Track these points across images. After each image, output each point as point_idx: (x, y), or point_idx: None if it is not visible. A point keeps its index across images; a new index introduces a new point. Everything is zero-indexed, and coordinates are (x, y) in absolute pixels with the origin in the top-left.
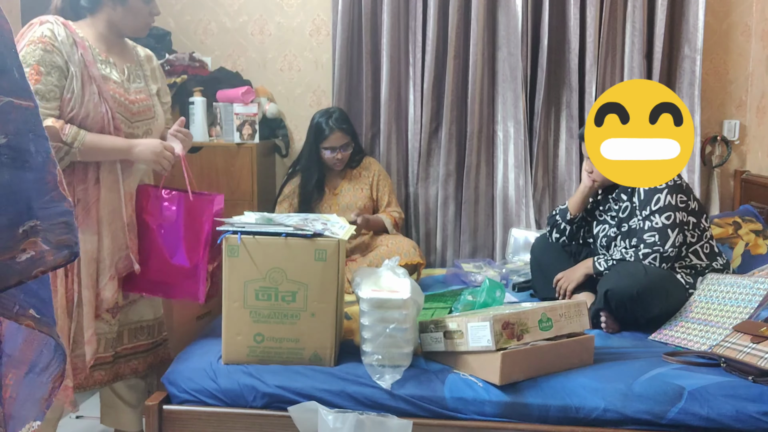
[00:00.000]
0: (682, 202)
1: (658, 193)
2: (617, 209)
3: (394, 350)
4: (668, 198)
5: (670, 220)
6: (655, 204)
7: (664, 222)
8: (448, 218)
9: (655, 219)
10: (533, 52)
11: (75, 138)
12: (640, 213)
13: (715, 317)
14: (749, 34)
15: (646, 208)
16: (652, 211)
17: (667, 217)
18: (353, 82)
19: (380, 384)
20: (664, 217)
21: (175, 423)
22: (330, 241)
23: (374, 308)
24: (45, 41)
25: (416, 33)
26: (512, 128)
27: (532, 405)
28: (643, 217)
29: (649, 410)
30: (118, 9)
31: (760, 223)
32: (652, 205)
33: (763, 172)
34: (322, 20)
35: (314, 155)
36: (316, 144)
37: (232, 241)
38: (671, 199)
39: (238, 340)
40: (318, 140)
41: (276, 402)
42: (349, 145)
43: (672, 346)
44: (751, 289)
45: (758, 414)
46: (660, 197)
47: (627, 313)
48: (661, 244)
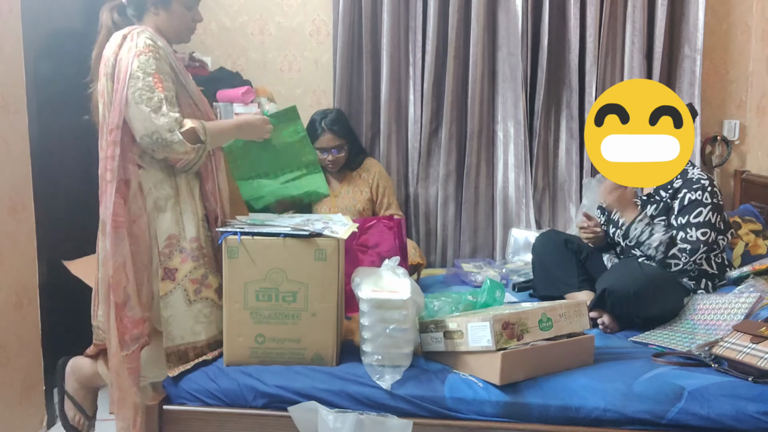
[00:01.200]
0: (718, 222)
1: (702, 207)
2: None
3: (394, 350)
4: (710, 215)
5: (705, 237)
6: (696, 217)
7: (699, 237)
8: (448, 218)
9: (691, 231)
10: (533, 52)
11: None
12: (678, 219)
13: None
14: (749, 34)
15: (686, 216)
16: (691, 223)
17: (703, 233)
18: (353, 82)
19: (380, 384)
20: (700, 233)
21: (175, 423)
22: (330, 240)
23: (374, 308)
24: (152, 50)
25: (416, 33)
26: (512, 128)
27: (532, 405)
28: (680, 224)
29: (649, 410)
30: (161, 14)
31: (759, 223)
32: (691, 217)
33: (763, 172)
34: (322, 20)
35: None
36: None
37: (232, 242)
38: (712, 217)
39: (240, 342)
40: (311, 140)
41: (276, 402)
42: (342, 148)
43: (654, 347)
44: (736, 304)
45: (758, 414)
46: (703, 211)
47: (623, 312)
48: (689, 258)
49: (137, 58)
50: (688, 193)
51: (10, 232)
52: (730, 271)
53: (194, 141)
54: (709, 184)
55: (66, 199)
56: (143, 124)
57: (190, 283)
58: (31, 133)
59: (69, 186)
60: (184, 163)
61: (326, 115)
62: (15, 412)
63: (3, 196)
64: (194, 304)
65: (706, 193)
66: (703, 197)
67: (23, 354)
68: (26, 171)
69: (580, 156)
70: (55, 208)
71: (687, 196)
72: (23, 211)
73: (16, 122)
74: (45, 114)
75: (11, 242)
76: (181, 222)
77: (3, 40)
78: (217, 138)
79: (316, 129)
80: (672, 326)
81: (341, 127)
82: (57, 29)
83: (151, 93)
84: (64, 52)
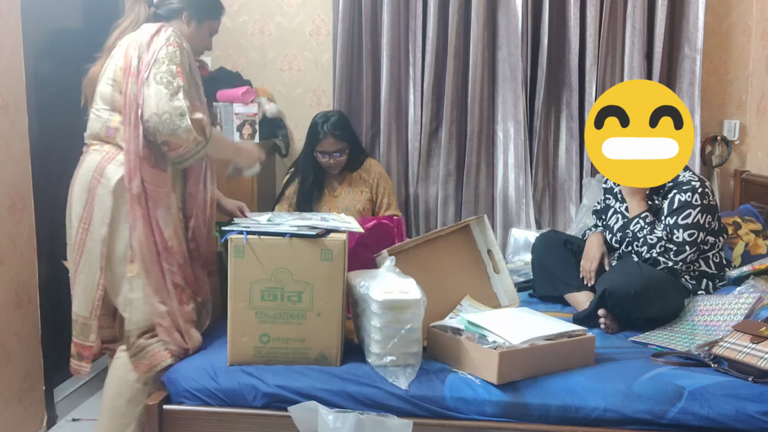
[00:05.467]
0: (708, 223)
1: (691, 209)
2: None
3: (405, 350)
4: (698, 217)
5: (692, 237)
6: (684, 218)
7: (686, 239)
8: (448, 218)
9: (677, 232)
10: (533, 52)
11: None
12: (667, 219)
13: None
14: (749, 34)
15: (674, 217)
16: (679, 224)
17: (690, 234)
18: (353, 82)
19: (397, 385)
20: (687, 234)
21: (175, 423)
22: (336, 240)
23: (387, 310)
24: (179, 46)
25: (416, 33)
26: (512, 128)
27: (532, 405)
28: (668, 224)
29: (649, 410)
30: (190, 26)
31: (759, 223)
32: (680, 218)
33: (763, 172)
34: (322, 20)
35: (311, 156)
36: (311, 146)
37: (238, 241)
38: (701, 218)
39: (244, 341)
40: (313, 143)
41: (276, 402)
42: (344, 151)
43: (654, 347)
44: (736, 304)
45: (758, 414)
46: (692, 213)
47: (623, 313)
48: (675, 258)
49: (166, 48)
50: (678, 195)
51: (10, 231)
52: (730, 270)
53: (199, 133)
54: (700, 185)
55: (66, 199)
56: (157, 103)
57: None
58: (31, 133)
59: (69, 186)
60: (179, 153)
61: (328, 119)
62: (15, 411)
63: (3, 196)
64: None
65: (696, 194)
66: (693, 199)
67: (23, 353)
68: (26, 171)
69: (580, 156)
70: (55, 208)
71: (677, 197)
72: (23, 210)
73: (16, 122)
74: (45, 114)
75: (11, 242)
76: None
77: (3, 40)
78: (218, 144)
79: (318, 132)
80: (672, 327)
81: (343, 132)
82: (57, 29)
83: (172, 78)
84: (64, 52)
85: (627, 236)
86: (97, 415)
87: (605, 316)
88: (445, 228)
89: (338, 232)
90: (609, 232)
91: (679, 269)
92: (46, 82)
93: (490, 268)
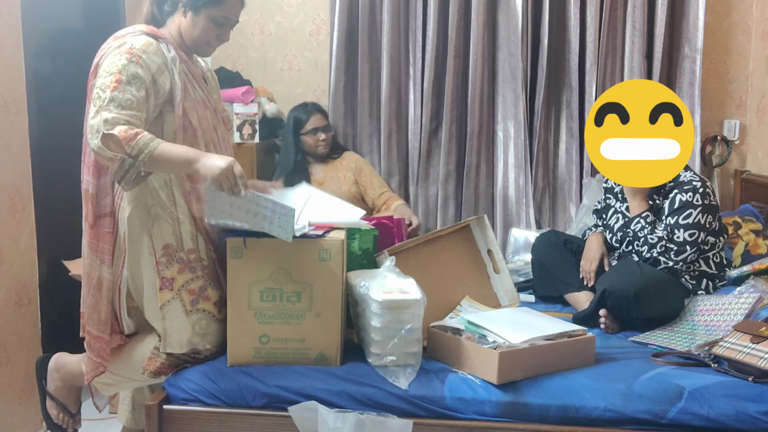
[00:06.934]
0: (709, 223)
1: (692, 209)
2: None
3: (405, 350)
4: (699, 217)
5: (692, 237)
6: (685, 218)
7: (686, 238)
8: (448, 218)
9: (678, 233)
10: (533, 52)
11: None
12: (668, 219)
13: (699, 326)
14: (749, 34)
15: (675, 217)
16: (680, 224)
17: (690, 234)
18: (353, 82)
19: (397, 385)
20: (687, 234)
21: (175, 423)
22: (334, 240)
23: (387, 310)
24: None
25: (416, 33)
26: (512, 128)
27: (533, 405)
28: (669, 224)
29: (649, 410)
30: (188, 17)
31: (760, 223)
32: (680, 218)
33: (763, 172)
34: (322, 20)
35: (294, 151)
36: (296, 136)
37: (236, 242)
38: (702, 218)
39: (244, 342)
40: (298, 129)
41: (276, 402)
42: (329, 128)
43: (654, 347)
44: (736, 304)
45: (758, 414)
46: (692, 213)
47: (623, 313)
48: (675, 258)
49: (106, 58)
50: (679, 194)
51: (10, 231)
52: (730, 270)
53: (116, 149)
54: (701, 185)
55: (66, 199)
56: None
57: (187, 293)
58: (31, 133)
59: (69, 186)
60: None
61: (306, 104)
62: (15, 411)
63: (3, 196)
64: (191, 314)
65: (698, 194)
66: (694, 198)
67: (23, 353)
68: (26, 171)
69: (580, 156)
70: (55, 208)
71: (678, 197)
72: (23, 210)
73: (16, 122)
74: (45, 114)
75: (11, 242)
76: (178, 232)
77: (3, 40)
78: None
79: (302, 115)
80: (672, 327)
81: (325, 111)
82: (57, 29)
83: (102, 92)
84: (64, 52)
85: (627, 236)
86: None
87: (605, 316)
88: (445, 228)
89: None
90: (609, 232)
91: (679, 269)
92: (46, 82)
93: (490, 268)
